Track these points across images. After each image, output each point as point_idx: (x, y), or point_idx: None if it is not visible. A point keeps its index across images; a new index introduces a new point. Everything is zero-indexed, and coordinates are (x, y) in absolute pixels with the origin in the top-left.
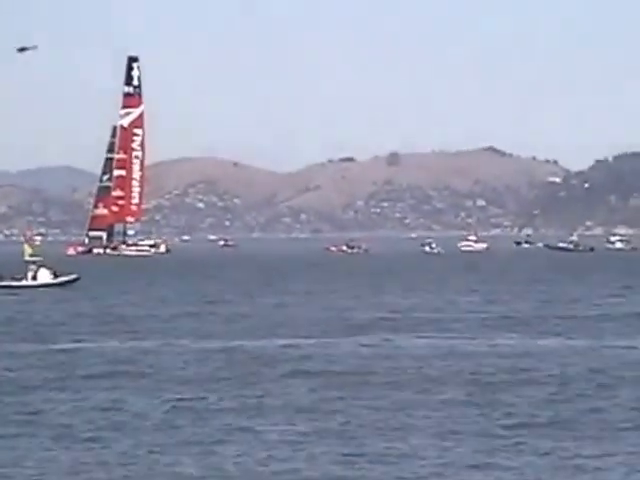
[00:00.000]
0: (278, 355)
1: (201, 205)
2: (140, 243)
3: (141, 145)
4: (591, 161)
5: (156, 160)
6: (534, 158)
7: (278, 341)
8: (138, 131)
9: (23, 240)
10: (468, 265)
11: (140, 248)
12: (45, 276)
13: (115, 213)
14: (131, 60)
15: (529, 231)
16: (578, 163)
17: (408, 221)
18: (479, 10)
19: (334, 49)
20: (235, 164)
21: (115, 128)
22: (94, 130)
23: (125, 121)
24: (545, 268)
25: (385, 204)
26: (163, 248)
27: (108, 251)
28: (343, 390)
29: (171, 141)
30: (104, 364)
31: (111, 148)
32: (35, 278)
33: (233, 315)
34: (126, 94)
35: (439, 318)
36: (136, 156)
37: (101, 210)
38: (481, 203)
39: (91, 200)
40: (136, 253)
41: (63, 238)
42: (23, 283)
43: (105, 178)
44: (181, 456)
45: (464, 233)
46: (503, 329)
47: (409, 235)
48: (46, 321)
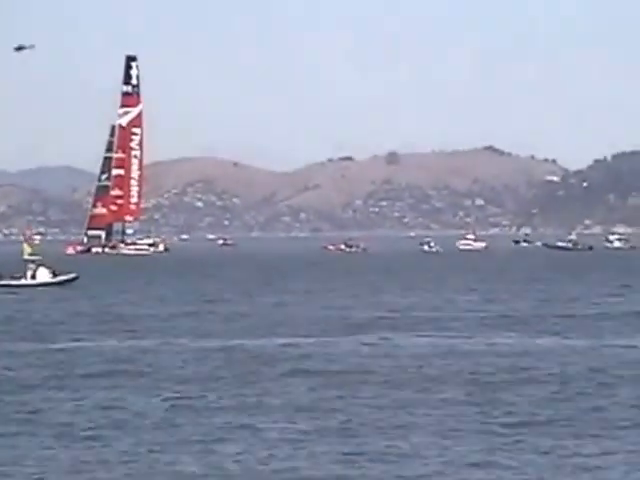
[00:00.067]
0: (277, 354)
1: (200, 204)
2: (139, 242)
3: (140, 144)
4: (590, 160)
5: (155, 159)
6: (533, 157)
7: (277, 340)
8: (137, 130)
9: (23, 239)
10: (467, 264)
11: (139, 247)
12: (44, 275)
13: (114, 212)
14: (129, 59)
15: (528, 230)
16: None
17: (407, 220)
18: (478, 10)
19: (334, 49)
20: (235, 164)
21: (114, 127)
22: (93, 130)
23: (124, 120)
24: (544, 267)
25: (384, 203)
26: (162, 247)
27: (107, 250)
28: (343, 389)
29: (171, 141)
30: (103, 363)
31: (110, 147)
32: (34, 277)
33: (232, 314)
34: (125, 93)
35: (438, 317)
36: (135, 155)
37: (100, 209)
38: (480, 202)
39: (90, 199)
40: (135, 252)
41: (62, 237)
42: (22, 282)
43: (104, 177)
44: (181, 454)
45: (463, 232)
46: (502, 328)
47: (408, 234)
48: (45, 320)
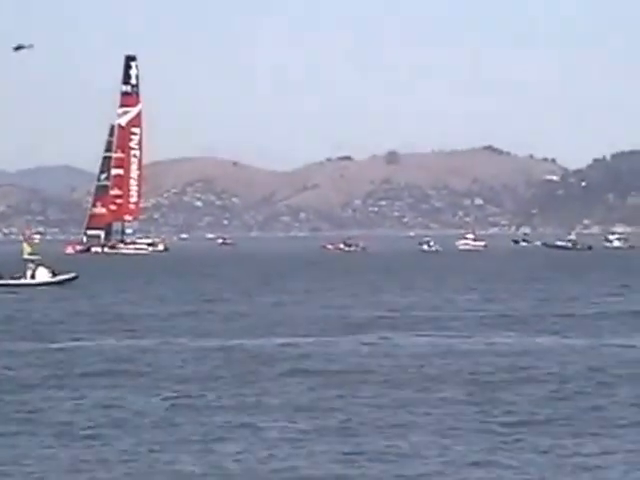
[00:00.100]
0: (277, 354)
1: (199, 204)
2: (138, 242)
3: (139, 144)
4: (589, 159)
5: (155, 159)
6: (532, 157)
7: (277, 340)
8: (136, 130)
9: (22, 239)
10: (466, 264)
11: (138, 247)
12: (43, 275)
13: (113, 212)
14: (129, 59)
15: (527, 230)
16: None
17: (406, 220)
18: (478, 10)
19: (333, 48)
20: (234, 163)
21: (113, 127)
22: (93, 129)
23: (123, 120)
24: (543, 267)
25: (383, 203)
26: (161, 247)
27: (106, 250)
28: (342, 388)
29: (170, 140)
30: (103, 362)
31: (109, 147)
32: (34, 277)
33: (231, 314)
34: (124, 93)
35: (437, 316)
36: (134, 155)
37: (99, 209)
38: (479, 202)
39: (89, 199)
40: (134, 252)
41: (62, 237)
42: (22, 282)
43: (103, 177)
44: (181, 454)
45: (462, 232)
46: (501, 327)
47: (407, 234)
48: (45, 320)
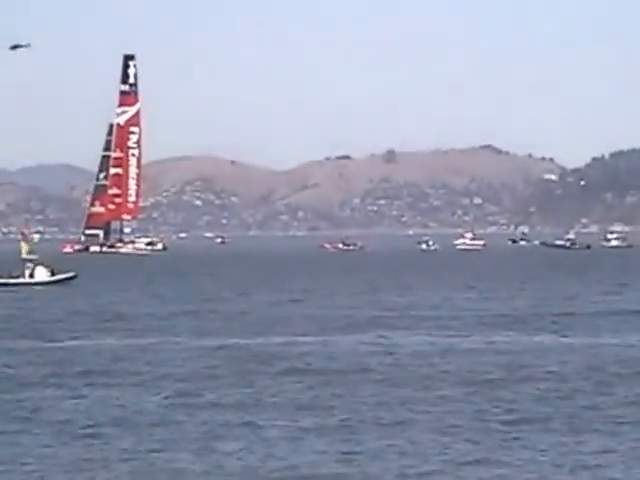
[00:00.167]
0: (276, 352)
1: (198, 203)
2: (137, 241)
3: (137, 143)
4: (587, 158)
5: (154, 158)
6: (530, 156)
7: (276, 339)
8: (134, 129)
9: (20, 238)
10: (465, 263)
11: (137, 246)
12: (42, 274)
13: (112, 211)
14: (127, 58)
15: (525, 229)
16: (574, 160)
17: (405, 219)
18: (477, 9)
19: (333, 48)
20: (233, 162)
21: (111, 126)
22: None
23: (121, 119)
24: (542, 266)
25: (382, 202)
26: (160, 246)
27: (105, 249)
28: (342, 387)
29: (170, 140)
30: (102, 361)
31: (107, 146)
32: (32, 276)
33: (230, 313)
34: (122, 92)
35: (436, 315)
36: (132, 154)
37: (98, 208)
38: (478, 201)
39: (88, 198)
40: (133, 251)
41: (61, 236)
42: (20, 281)
43: (102, 176)
44: (181, 452)
45: (460, 231)
46: (500, 326)
47: (406, 233)
48: (44, 318)
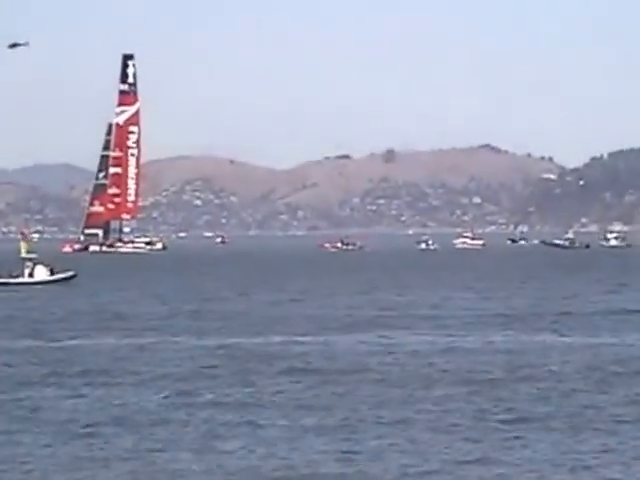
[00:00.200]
0: (275, 352)
1: (198, 202)
2: (136, 240)
3: (137, 142)
4: (586, 158)
5: (154, 158)
6: (529, 155)
7: (275, 338)
8: (134, 129)
9: (20, 238)
10: (464, 262)
11: (136, 245)
12: (42, 273)
13: (111, 210)
14: (126, 58)
15: (524, 228)
16: (573, 160)
17: (404, 218)
18: (477, 9)
19: (332, 48)
20: (232, 162)
21: (110, 126)
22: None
23: (120, 119)
24: (541, 265)
25: (381, 201)
26: (159, 245)
27: (104, 248)
28: (341, 387)
29: (169, 139)
30: (102, 361)
31: (107, 146)
32: (32, 275)
33: (230, 312)
34: (121, 92)
35: (435, 315)
36: (132, 154)
37: (97, 207)
38: (477, 200)
39: (88, 198)
40: (132, 250)
41: (60, 236)
42: (20, 280)
43: (101, 176)
44: (180, 451)
45: (459, 230)
46: (499, 326)
47: (406, 232)
48: (43, 318)
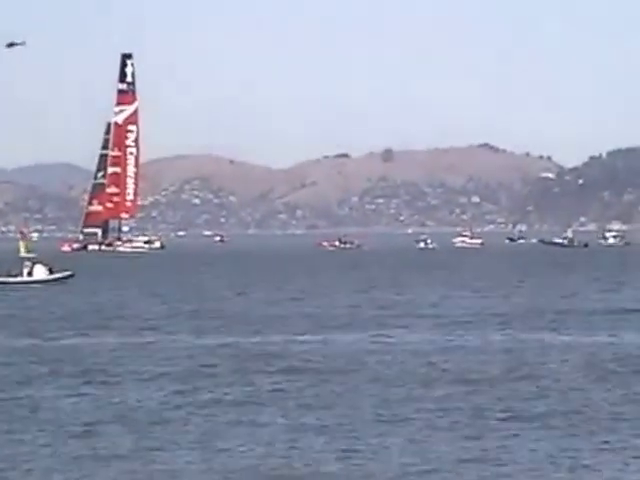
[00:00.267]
0: (275, 351)
1: (197, 201)
2: (134, 239)
3: (135, 142)
4: (585, 157)
5: (153, 157)
6: (528, 154)
7: (274, 337)
8: (132, 128)
9: (19, 237)
10: (463, 261)
11: (134, 244)
12: (40, 272)
13: (110, 210)
14: (125, 57)
15: (523, 227)
16: (572, 159)
17: (403, 217)
18: (477, 9)
19: (332, 48)
20: (231, 161)
21: (109, 125)
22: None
23: (119, 118)
24: (540, 264)
25: (380, 200)
26: (157, 244)
27: (103, 247)
28: (341, 385)
29: (168, 139)
30: (100, 360)
31: (105, 145)
32: (31, 274)
33: (228, 311)
34: (120, 91)
35: (435, 314)
36: (130, 153)
37: (96, 207)
38: (475, 199)
39: (86, 197)
40: (130, 249)
41: (59, 235)
42: (19, 279)
43: (100, 175)
44: (179, 450)
45: (458, 229)
46: (498, 325)
47: (404, 231)
48: (42, 317)
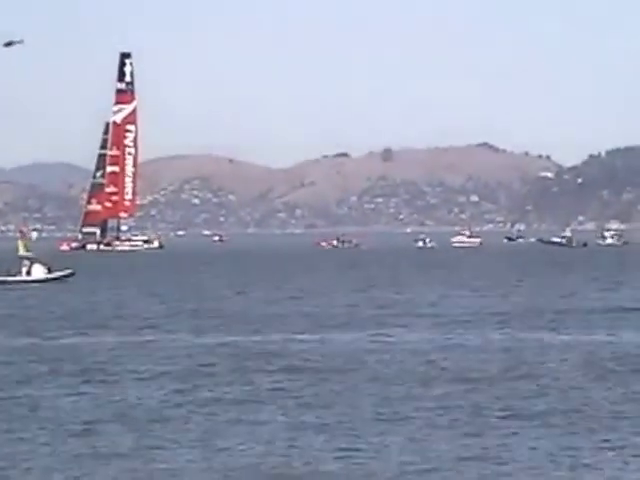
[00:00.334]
0: (274, 350)
1: (196, 201)
2: (133, 239)
3: (134, 141)
4: (584, 156)
5: (152, 157)
6: (527, 153)
7: (273, 336)
8: (131, 127)
9: (19, 236)
10: (462, 260)
11: (133, 244)
12: (39, 271)
13: (108, 209)
14: (124, 56)
15: (522, 226)
16: (571, 158)
17: (402, 217)
18: (476, 8)
19: (331, 47)
20: (230, 161)
21: (108, 124)
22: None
23: (118, 117)
24: (538, 263)
25: (379, 199)
26: (156, 243)
27: (102, 247)
28: (340, 384)
29: (168, 138)
30: (100, 359)
31: (104, 144)
32: (29, 274)
33: (227, 310)
34: (119, 90)
35: (434, 313)
36: (129, 152)
37: (95, 206)
38: (474, 199)
39: (85, 196)
40: (129, 249)
41: (59, 234)
42: (18, 278)
43: (98, 174)
44: (179, 449)
45: (457, 228)
46: (497, 324)
47: (404, 230)
48: (41, 316)
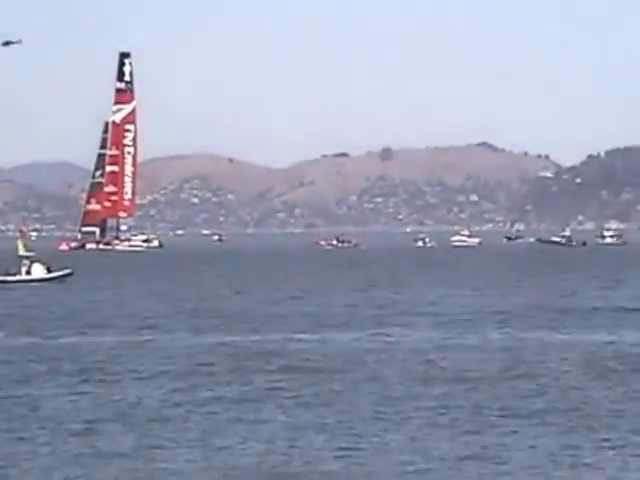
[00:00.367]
0: (274, 350)
1: (196, 200)
2: (133, 238)
3: (133, 141)
4: (583, 156)
5: (152, 156)
6: (526, 153)
7: (273, 336)
8: (130, 127)
9: (18, 235)
10: (461, 260)
11: (133, 243)
12: (39, 271)
13: (108, 208)
14: (123, 56)
15: (521, 226)
16: (570, 158)
17: (401, 216)
18: (476, 8)
19: (331, 47)
20: (230, 160)
21: (107, 124)
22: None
23: (117, 117)
24: (538, 262)
25: (378, 199)
26: (156, 243)
27: (101, 246)
28: (340, 384)
29: (167, 138)
30: (99, 358)
31: (103, 144)
32: (29, 273)
33: (227, 310)
34: (118, 90)
35: (433, 312)
36: (128, 152)
37: (94, 205)
38: (474, 198)
39: (84, 196)
40: (129, 248)
41: (58, 234)
42: (17, 278)
43: (98, 174)
44: (179, 448)
45: (456, 228)
46: (497, 323)
47: (403, 230)
48: (41, 316)
